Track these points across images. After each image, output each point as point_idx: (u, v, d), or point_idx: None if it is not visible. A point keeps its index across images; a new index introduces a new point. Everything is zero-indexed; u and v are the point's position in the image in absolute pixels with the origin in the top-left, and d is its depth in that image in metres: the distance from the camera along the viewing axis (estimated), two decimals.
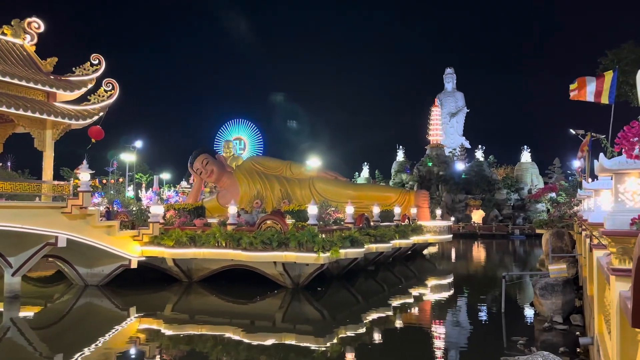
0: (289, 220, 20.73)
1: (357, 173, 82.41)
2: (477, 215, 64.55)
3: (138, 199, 46.54)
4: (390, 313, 16.05)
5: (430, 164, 72.09)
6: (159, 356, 11.46)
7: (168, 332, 13.36)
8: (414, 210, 31.16)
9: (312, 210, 19.48)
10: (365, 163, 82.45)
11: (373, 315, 15.40)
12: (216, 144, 56.86)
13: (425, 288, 21.53)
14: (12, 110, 15.95)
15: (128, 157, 52.96)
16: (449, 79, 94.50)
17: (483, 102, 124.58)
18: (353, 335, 13.09)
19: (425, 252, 35.62)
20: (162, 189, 52.76)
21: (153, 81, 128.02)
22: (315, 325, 14.54)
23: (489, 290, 20.80)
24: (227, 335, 12.95)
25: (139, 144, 54.52)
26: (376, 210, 26.93)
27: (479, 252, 42.43)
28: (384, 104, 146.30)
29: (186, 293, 18.97)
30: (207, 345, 12.13)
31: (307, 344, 12.21)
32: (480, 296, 19.92)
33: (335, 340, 12.46)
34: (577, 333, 12.11)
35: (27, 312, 15.94)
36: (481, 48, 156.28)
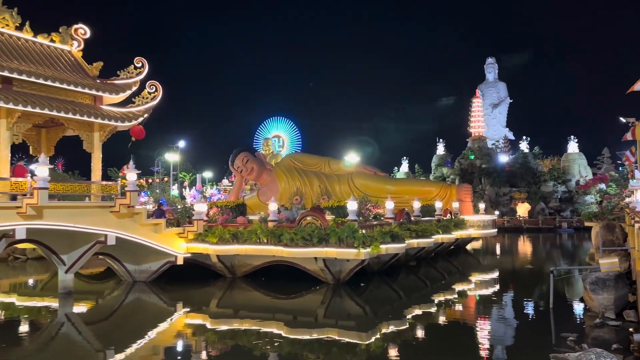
0: (329, 216, 20.77)
1: (396, 168, 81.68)
2: (523, 209, 62.78)
3: (182, 198, 47.71)
4: (434, 309, 15.85)
5: (472, 157, 70.62)
6: (205, 351, 11.74)
7: (213, 327, 13.66)
8: (456, 205, 30.62)
9: (352, 205, 19.44)
10: (405, 157, 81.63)
11: (416, 311, 15.25)
12: (255, 142, 57.54)
13: (469, 284, 21.14)
14: (62, 114, 16.64)
15: (172, 157, 54.32)
16: (490, 69, 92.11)
17: (526, 92, 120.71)
18: (395, 331, 13.02)
19: (468, 247, 34.96)
20: (204, 187, 53.85)
21: (194, 81, 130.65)
22: (358, 320, 14.54)
23: (536, 286, 20.22)
24: (271, 330, 13.11)
25: (182, 143, 55.85)
26: (417, 205, 26.62)
27: (525, 247, 41.29)
28: (422, 97, 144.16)
29: (230, 288, 19.34)
30: (251, 340, 12.33)
31: (350, 340, 12.22)
32: (527, 292, 19.39)
33: (377, 336, 12.43)
34: (631, 329, 11.62)
35: (80, 308, 16.64)
36: (523, 36, 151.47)
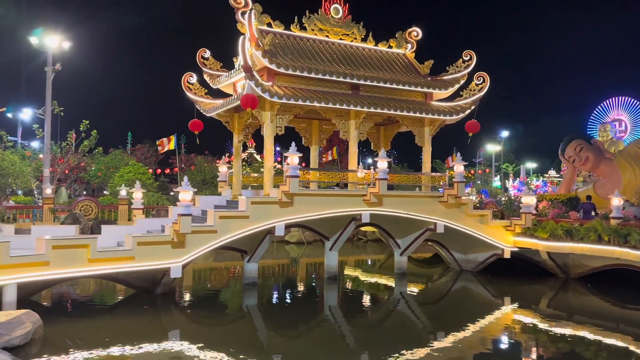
0: None
1: None
2: None
3: (505, 189, 46.46)
4: None
5: None
6: (535, 350, 11.21)
7: (544, 327, 12.84)
8: None
9: None
10: None
11: None
12: (590, 128, 51.37)
13: None
14: (398, 113, 18.40)
15: (494, 148, 53.60)
16: None
17: None
18: None
19: None
20: (529, 179, 51.16)
21: (521, 69, 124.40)
22: None
23: None
24: (613, 342, 11.50)
25: (505, 133, 54.45)
26: None
27: None
28: None
29: (562, 289, 17.83)
30: (589, 350, 11.12)
31: None
32: None
33: None
34: None
35: (412, 288, 18.22)
36: None
